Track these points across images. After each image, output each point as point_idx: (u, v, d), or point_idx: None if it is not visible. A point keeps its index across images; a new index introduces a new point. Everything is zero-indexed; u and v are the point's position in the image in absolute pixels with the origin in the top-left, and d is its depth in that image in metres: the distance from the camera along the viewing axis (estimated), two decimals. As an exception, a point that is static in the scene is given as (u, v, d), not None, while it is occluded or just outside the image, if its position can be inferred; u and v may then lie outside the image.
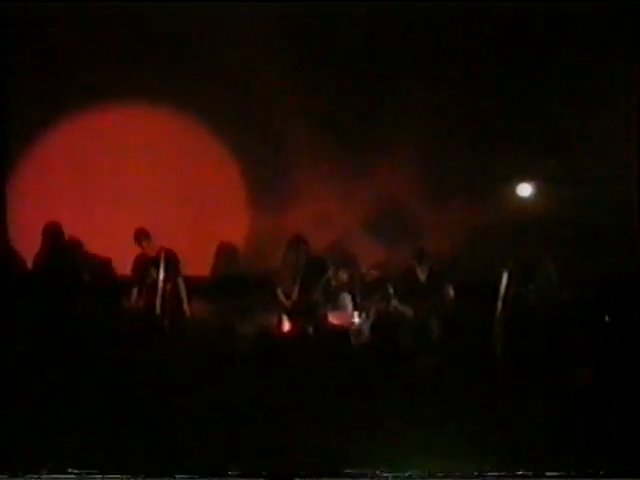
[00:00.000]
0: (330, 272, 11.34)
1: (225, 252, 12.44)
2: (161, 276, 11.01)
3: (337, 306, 11.32)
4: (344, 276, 11.48)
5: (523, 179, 12.52)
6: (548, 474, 7.68)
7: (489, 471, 7.68)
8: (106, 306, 10.83)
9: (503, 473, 7.67)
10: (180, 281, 11.13)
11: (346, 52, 12.34)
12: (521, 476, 7.69)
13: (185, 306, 11.09)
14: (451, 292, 11.22)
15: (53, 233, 10.94)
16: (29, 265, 11.05)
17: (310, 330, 11.02)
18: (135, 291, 11.08)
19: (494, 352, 10.42)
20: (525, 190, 12.58)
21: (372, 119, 12.45)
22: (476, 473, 7.68)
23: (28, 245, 11.23)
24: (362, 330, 11.04)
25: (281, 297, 11.37)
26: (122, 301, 11.14)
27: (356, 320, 11.15)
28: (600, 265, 11.74)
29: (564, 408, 8.51)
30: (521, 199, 12.55)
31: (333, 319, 11.18)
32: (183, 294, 11.09)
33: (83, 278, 10.88)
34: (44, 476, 7.67)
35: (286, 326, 11.26)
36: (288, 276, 11.36)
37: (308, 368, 9.14)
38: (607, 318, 10.33)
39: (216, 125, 12.54)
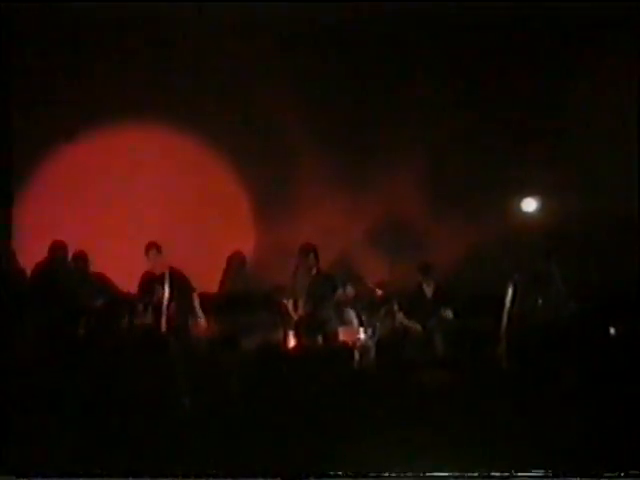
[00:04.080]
0: (339, 290, 11.30)
1: (230, 267, 12.40)
2: (166, 294, 11.00)
3: (343, 322, 11.27)
4: (350, 291, 11.44)
5: (528, 191, 12.52)
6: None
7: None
8: (110, 323, 10.82)
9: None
10: (194, 296, 11.10)
11: (349, 66, 12.37)
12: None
13: (201, 321, 11.05)
14: (449, 314, 11.16)
15: (58, 251, 10.96)
16: (32, 281, 11.06)
17: (316, 345, 10.97)
18: (140, 307, 11.06)
19: (500, 365, 10.35)
20: (531, 202, 12.57)
21: (376, 133, 12.47)
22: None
23: (33, 262, 11.24)
24: (368, 346, 10.98)
25: (290, 309, 11.28)
26: (128, 318, 11.12)
27: (362, 336, 11.09)
28: (607, 277, 11.69)
29: (569, 421, 8.45)
30: (527, 212, 12.54)
31: (339, 335, 11.13)
32: (198, 309, 11.07)
33: (87, 295, 10.90)
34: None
35: (292, 341, 11.20)
36: (296, 289, 11.29)
37: (311, 380, 9.12)
38: (613, 330, 10.28)
39: (220, 140, 12.59)
